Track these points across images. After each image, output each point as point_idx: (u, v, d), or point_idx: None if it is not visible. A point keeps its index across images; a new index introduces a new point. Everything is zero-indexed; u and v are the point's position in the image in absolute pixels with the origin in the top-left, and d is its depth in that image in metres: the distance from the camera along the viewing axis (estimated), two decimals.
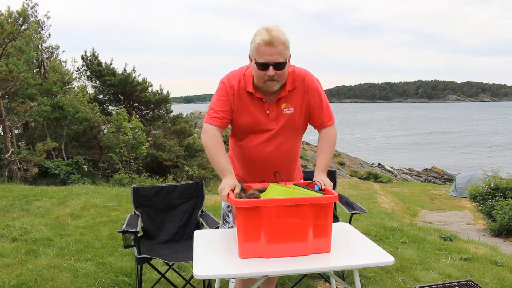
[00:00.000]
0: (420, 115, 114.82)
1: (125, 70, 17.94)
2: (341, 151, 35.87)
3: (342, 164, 30.38)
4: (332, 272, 2.07)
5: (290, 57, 1.99)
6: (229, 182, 1.92)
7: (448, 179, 29.05)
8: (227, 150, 2.28)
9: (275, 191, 1.90)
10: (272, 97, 2.08)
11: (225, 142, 2.19)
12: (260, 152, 2.12)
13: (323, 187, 1.96)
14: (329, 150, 2.15)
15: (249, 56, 2.02)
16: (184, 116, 19.63)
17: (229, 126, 2.21)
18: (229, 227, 2.29)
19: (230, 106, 2.07)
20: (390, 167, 33.33)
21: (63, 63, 15.78)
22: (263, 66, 1.93)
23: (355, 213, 3.08)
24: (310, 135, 2.32)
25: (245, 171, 2.22)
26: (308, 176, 3.30)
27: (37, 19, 14.43)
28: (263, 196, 1.90)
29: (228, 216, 2.30)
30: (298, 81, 2.09)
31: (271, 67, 1.92)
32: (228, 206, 2.30)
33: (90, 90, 18.02)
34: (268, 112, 2.08)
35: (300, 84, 2.10)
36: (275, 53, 1.89)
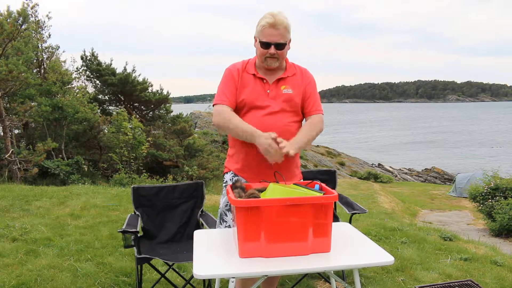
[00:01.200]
0: (421, 115, 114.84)
1: (125, 69, 17.94)
2: (341, 151, 35.85)
3: (342, 164, 30.37)
4: (332, 272, 2.07)
5: (290, 41, 2.23)
6: (268, 136, 2.04)
7: (448, 179, 29.03)
8: (226, 149, 2.31)
9: (275, 191, 1.90)
10: (273, 79, 2.27)
11: (224, 142, 2.21)
12: (262, 124, 2.17)
13: (286, 149, 2.01)
14: (307, 129, 2.24)
15: (254, 37, 2.25)
16: (184, 116, 19.61)
17: None
18: (226, 227, 2.30)
19: (235, 87, 2.26)
20: (390, 167, 33.32)
21: (62, 63, 15.78)
22: (266, 45, 2.17)
23: (355, 213, 3.08)
24: None
25: (247, 156, 2.25)
26: (308, 176, 3.30)
27: (37, 19, 14.42)
28: (263, 195, 1.90)
29: (226, 215, 2.31)
30: (297, 70, 2.35)
31: (272, 46, 2.17)
32: (227, 205, 2.31)
33: (90, 90, 18.02)
34: (268, 91, 2.26)
35: (299, 73, 2.34)
36: (278, 34, 2.15)
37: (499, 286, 3.26)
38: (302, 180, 2.35)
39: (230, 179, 2.31)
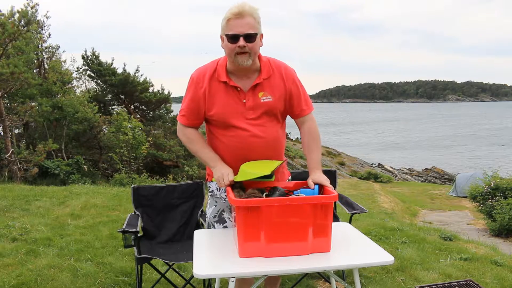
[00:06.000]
0: (421, 115, 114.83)
1: (124, 70, 17.96)
2: (341, 151, 35.84)
3: (342, 164, 30.36)
4: (332, 272, 2.08)
5: (262, 36, 2.00)
6: (227, 169, 2.00)
7: (448, 179, 29.01)
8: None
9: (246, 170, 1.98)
10: (248, 85, 2.04)
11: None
12: (243, 141, 2.05)
13: (325, 184, 1.99)
14: (317, 146, 2.18)
15: (220, 37, 2.00)
16: None
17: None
18: None
19: (198, 104, 2.06)
20: (390, 167, 33.31)
21: (62, 63, 15.79)
22: (233, 38, 1.92)
23: (355, 213, 3.08)
24: None
25: (230, 164, 2.12)
26: (304, 176, 3.29)
27: (37, 19, 14.42)
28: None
29: (214, 226, 2.23)
30: (274, 69, 2.08)
31: (241, 38, 1.91)
32: (215, 216, 2.23)
33: (91, 90, 18.04)
34: (244, 101, 2.03)
35: (277, 72, 2.08)
36: (245, 24, 1.91)
37: (499, 286, 3.26)
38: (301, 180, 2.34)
39: (217, 189, 2.22)
